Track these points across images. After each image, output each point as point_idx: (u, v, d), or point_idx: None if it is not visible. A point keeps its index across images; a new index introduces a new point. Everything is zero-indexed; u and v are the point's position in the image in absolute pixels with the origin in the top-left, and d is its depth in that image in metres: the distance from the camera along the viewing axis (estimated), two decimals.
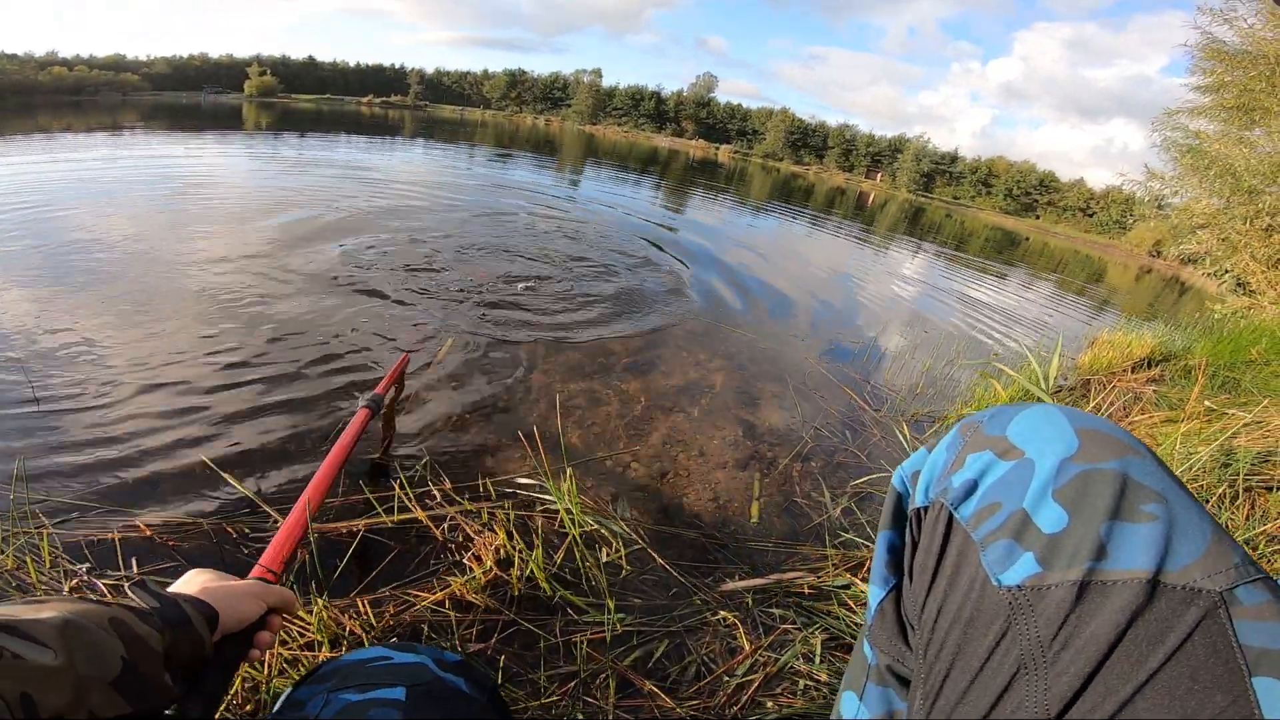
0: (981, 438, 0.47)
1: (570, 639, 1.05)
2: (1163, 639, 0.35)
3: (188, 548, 1.14)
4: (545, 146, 18.35)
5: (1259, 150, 6.78)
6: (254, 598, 0.65)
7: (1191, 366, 2.96)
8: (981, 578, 0.42)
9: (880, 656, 0.55)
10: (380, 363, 1.98)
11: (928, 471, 0.51)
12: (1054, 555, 0.39)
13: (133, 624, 0.47)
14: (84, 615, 0.44)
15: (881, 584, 0.55)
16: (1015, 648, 0.39)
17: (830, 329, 3.38)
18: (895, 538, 0.55)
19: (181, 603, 0.55)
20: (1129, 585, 0.36)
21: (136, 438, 1.44)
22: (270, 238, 3.29)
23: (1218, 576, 0.36)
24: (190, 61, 45.98)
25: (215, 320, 2.14)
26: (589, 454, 1.68)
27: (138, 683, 0.44)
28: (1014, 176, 45.53)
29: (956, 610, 0.44)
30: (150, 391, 1.64)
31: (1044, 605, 0.39)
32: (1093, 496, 0.39)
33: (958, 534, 0.45)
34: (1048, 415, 0.45)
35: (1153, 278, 15.49)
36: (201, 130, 10.80)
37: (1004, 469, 0.44)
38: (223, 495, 1.28)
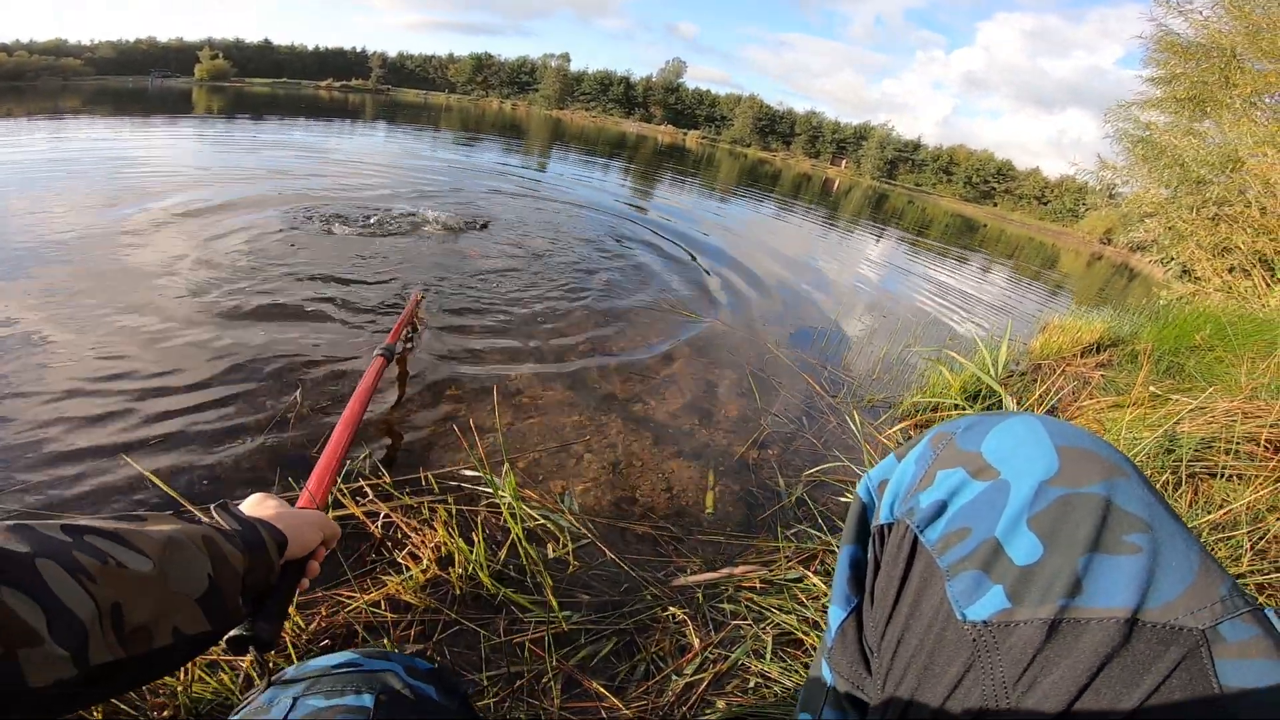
0: (954, 452, 0.44)
1: (514, 639, 1.02)
2: (1138, 682, 0.33)
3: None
4: (512, 130, 18.00)
5: (1208, 141, 7.04)
6: (315, 527, 0.65)
7: (1138, 352, 3.05)
8: (945, 610, 0.39)
9: (840, 681, 0.52)
10: (327, 348, 1.90)
11: (894, 485, 0.47)
12: (1025, 590, 0.36)
13: (221, 544, 0.48)
14: (184, 532, 0.45)
15: (843, 604, 0.52)
16: (977, 688, 0.37)
17: (791, 314, 3.38)
18: (859, 553, 0.51)
19: (259, 527, 0.55)
20: (1104, 625, 0.34)
21: (55, 437, 1.34)
22: (209, 224, 3.13)
23: (1201, 613, 0.33)
24: (137, 46, 43.82)
25: (148, 311, 2.01)
26: (539, 444, 1.63)
27: (219, 602, 0.45)
28: (973, 165, 46.57)
29: (918, 643, 0.41)
30: (77, 389, 1.53)
31: (1010, 643, 0.36)
32: (1072, 525, 0.36)
33: (922, 558, 0.42)
34: (1028, 429, 0.42)
35: (1103, 264, 16.02)
36: (149, 115, 10.25)
37: (976, 490, 0.41)
38: (138, 492, 1.21)
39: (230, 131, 8.17)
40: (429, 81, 62.85)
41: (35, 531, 0.36)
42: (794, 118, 56.88)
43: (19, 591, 0.31)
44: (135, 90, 20.28)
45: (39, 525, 0.37)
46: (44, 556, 0.34)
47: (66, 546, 0.36)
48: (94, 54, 39.91)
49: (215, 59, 42.89)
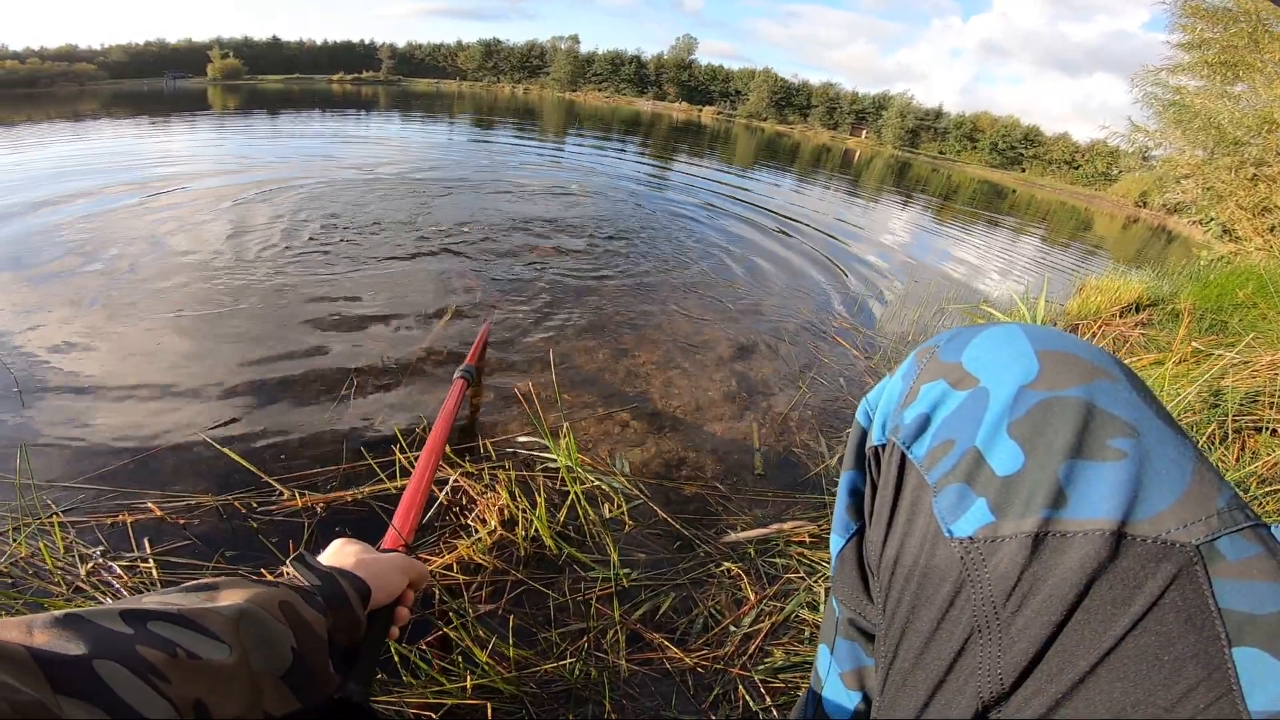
0: (936, 365, 0.42)
1: (578, 596, 1.06)
2: (1129, 601, 0.31)
3: (198, 525, 1.13)
4: (526, 115, 17.94)
5: (1243, 104, 6.78)
6: (399, 571, 0.62)
7: (1179, 310, 2.99)
8: (934, 527, 0.38)
9: (844, 609, 0.51)
10: (379, 333, 1.96)
11: (884, 405, 0.46)
12: (1008, 501, 0.34)
13: (300, 608, 0.45)
14: (257, 601, 0.41)
15: (842, 531, 0.51)
16: (968, 608, 0.35)
17: (822, 281, 3.37)
18: (857, 479, 0.49)
19: (339, 579, 0.52)
20: (1089, 538, 0.32)
21: (131, 421, 1.42)
22: (261, 215, 3.21)
23: (1195, 526, 0.31)
24: (148, 48, 44.32)
25: (203, 298, 2.09)
26: (587, 411, 1.68)
27: (306, 675, 0.42)
28: (999, 131, 45.13)
29: (911, 563, 0.39)
30: (140, 375, 1.61)
31: (997, 560, 0.34)
32: (1051, 431, 0.34)
33: (911, 476, 0.41)
34: (1007, 335, 0.40)
35: (1139, 227, 15.51)
36: (169, 115, 10.44)
37: (958, 400, 0.39)
38: (224, 472, 1.27)
39: (280, 124, 8.30)
40: (440, 70, 62.65)
41: (89, 624, 0.31)
42: (810, 90, 55.59)
43: (79, 701, 0.27)
44: (152, 92, 20.53)
45: (93, 615, 0.32)
46: (102, 657, 0.30)
47: (127, 640, 0.31)
48: (106, 58, 40.42)
49: (226, 58, 43.21)
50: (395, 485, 1.25)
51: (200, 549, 1.07)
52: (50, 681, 0.27)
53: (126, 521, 1.11)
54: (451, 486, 1.27)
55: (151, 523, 1.12)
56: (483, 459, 1.37)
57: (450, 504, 1.24)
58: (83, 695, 0.27)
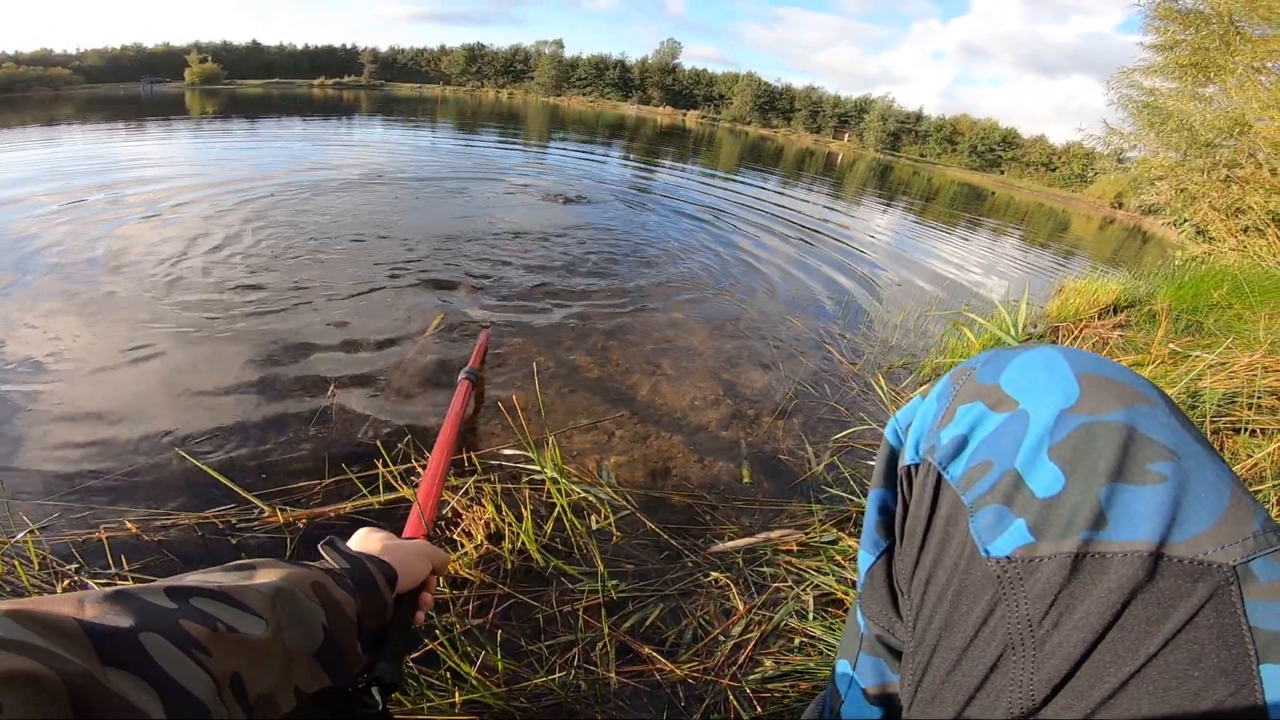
0: (973, 386, 0.43)
1: (566, 608, 1.05)
2: (1163, 620, 0.31)
3: (176, 542, 1.11)
4: (510, 120, 17.90)
5: (1214, 106, 6.95)
6: (424, 557, 0.64)
7: (1156, 311, 3.04)
8: (969, 547, 0.39)
9: (871, 626, 0.52)
10: (359, 345, 1.94)
11: (918, 424, 0.46)
12: (1047, 523, 0.35)
13: (331, 588, 0.46)
14: (291, 580, 0.43)
15: (872, 548, 0.51)
16: (1003, 626, 0.36)
17: (805, 286, 3.40)
18: (888, 497, 0.50)
19: (367, 563, 0.54)
20: (1129, 559, 0.32)
21: (107, 437, 1.39)
22: (238, 224, 3.17)
23: (1232, 548, 0.31)
24: (124, 53, 43.64)
25: (180, 311, 2.06)
26: (570, 421, 1.67)
27: (336, 653, 0.43)
28: (978, 134, 45.77)
29: (945, 582, 0.40)
30: (114, 388, 1.58)
31: (1034, 579, 0.35)
32: (1093, 454, 0.35)
33: (947, 496, 0.41)
34: (1046, 359, 0.40)
35: (1115, 228, 15.79)
36: (143, 119, 10.28)
37: (996, 422, 0.39)
38: (203, 489, 1.25)
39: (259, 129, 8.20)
40: (423, 75, 62.32)
41: (136, 599, 0.33)
42: (793, 94, 56.02)
43: (126, 672, 0.28)
44: (128, 97, 20.20)
45: (140, 591, 0.34)
46: (149, 630, 0.31)
47: (171, 615, 0.33)
48: (82, 62, 39.74)
49: (205, 62, 42.69)
50: (379, 500, 1.24)
51: (179, 566, 1.06)
52: (99, 653, 0.28)
53: (103, 539, 1.08)
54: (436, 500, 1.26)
55: (129, 540, 1.10)
56: (467, 472, 1.36)
57: (435, 518, 1.22)
58: (129, 666, 0.29)
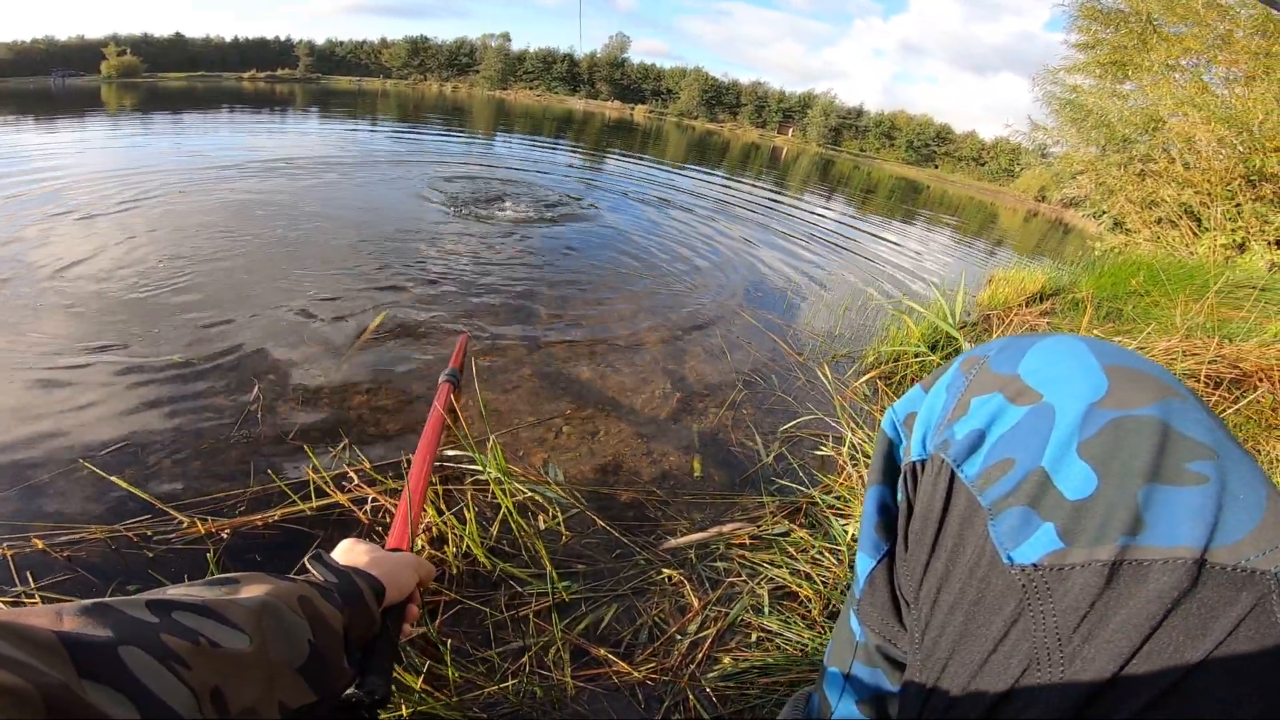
0: (988, 376, 0.39)
1: (516, 613, 1.02)
2: (1205, 633, 0.29)
3: (86, 557, 1.03)
4: (455, 113, 17.47)
5: (1131, 103, 7.40)
6: (411, 569, 0.63)
7: (1079, 299, 3.21)
8: (989, 553, 0.35)
9: (870, 635, 0.48)
10: (287, 344, 1.83)
11: (925, 416, 0.42)
12: (1080, 527, 0.32)
13: (318, 603, 0.45)
14: (277, 595, 0.42)
15: (872, 551, 0.47)
16: (1026, 640, 0.33)
17: (752, 278, 3.43)
18: (887, 494, 0.47)
19: (355, 577, 0.53)
20: (1171, 566, 0.30)
21: (5, 447, 1.27)
22: (149, 217, 2.96)
23: (1274, 553, 0.29)
24: (34, 45, 40.48)
25: (82, 308, 1.90)
26: (515, 419, 1.63)
27: (322, 668, 0.42)
28: (914, 129, 47.46)
29: (959, 591, 0.37)
30: (12, 397, 1.45)
31: (1065, 590, 0.32)
32: (1127, 452, 0.32)
33: (961, 497, 0.38)
34: (1068, 347, 0.37)
35: (1039, 220, 16.65)
36: (55, 115, 9.56)
37: (1017, 416, 0.36)
38: (117, 500, 1.15)
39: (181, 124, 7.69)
40: (362, 68, 60.10)
41: (115, 612, 0.32)
42: (739, 89, 56.76)
43: (103, 685, 0.28)
44: (38, 91, 18.74)
45: (120, 604, 0.34)
46: (128, 644, 0.30)
47: (152, 629, 0.32)
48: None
49: (123, 55, 40.06)
50: (309, 506, 1.17)
51: (90, 582, 0.99)
52: (76, 665, 0.28)
53: (6, 555, 1.00)
54: (371, 506, 1.20)
55: (34, 556, 1.02)
56: (406, 475, 1.30)
57: (371, 524, 1.17)
58: (107, 680, 0.28)
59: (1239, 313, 2.56)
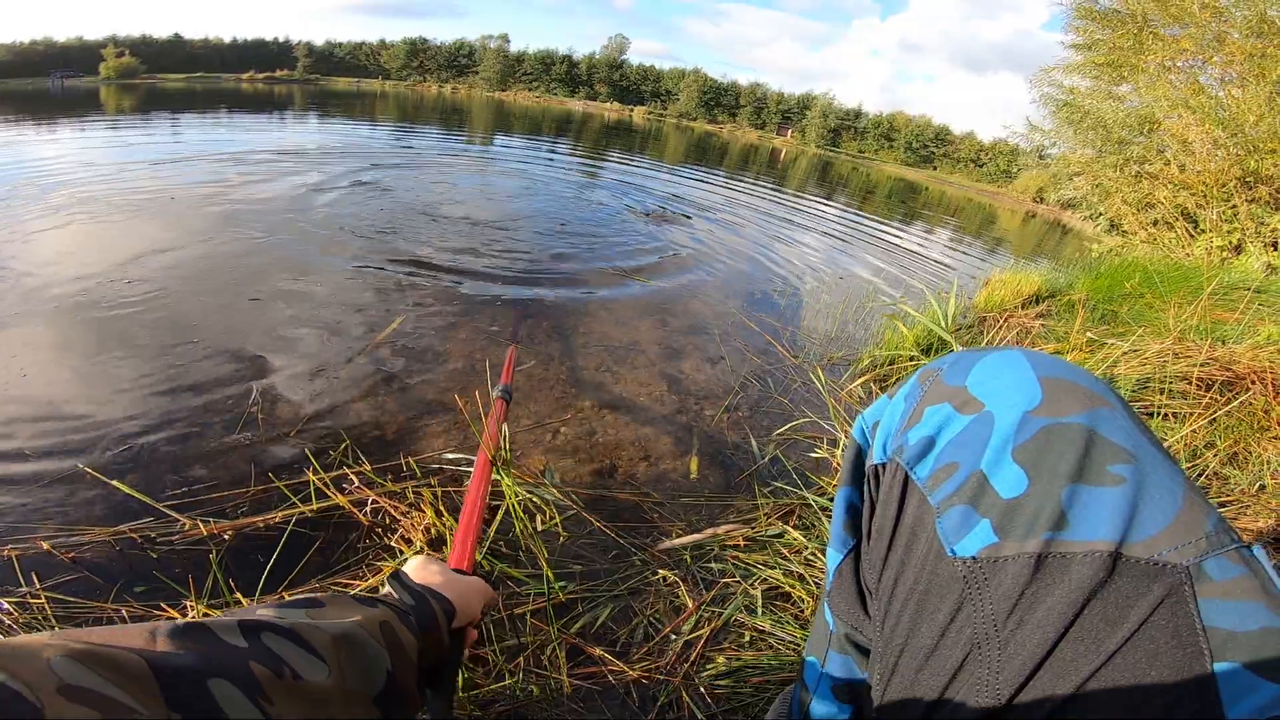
0: (940, 388, 0.43)
1: (513, 612, 1.03)
2: (1122, 619, 0.32)
3: (91, 558, 1.05)
4: (454, 115, 17.48)
5: (1127, 105, 7.40)
6: (480, 595, 0.62)
7: (1074, 301, 3.22)
8: (936, 547, 0.39)
9: (839, 624, 0.52)
10: (285, 350, 1.85)
11: (885, 424, 0.47)
12: (1011, 523, 0.36)
13: (398, 629, 0.45)
14: (362, 623, 0.42)
15: (840, 546, 0.51)
16: (969, 625, 0.36)
17: (750, 281, 3.45)
18: (854, 495, 0.51)
19: (431, 600, 0.52)
20: (1089, 559, 0.33)
21: (11, 452, 1.29)
22: (155, 223, 2.97)
23: (1186, 548, 0.32)
24: (33, 47, 40.46)
25: (85, 316, 1.92)
26: (515, 421, 1.64)
27: (396, 696, 0.42)
28: (913, 130, 47.51)
29: (913, 581, 0.41)
30: (16, 403, 1.46)
31: (999, 579, 0.35)
32: (1055, 456, 0.36)
33: (914, 496, 0.42)
34: (1009, 361, 0.41)
35: (1037, 221, 16.67)
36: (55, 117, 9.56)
37: (962, 424, 0.40)
38: (120, 502, 1.17)
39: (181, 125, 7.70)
40: (361, 69, 60.11)
41: (209, 634, 0.32)
42: (738, 90, 56.82)
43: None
44: (37, 92, 18.71)
45: (213, 624, 0.33)
46: (217, 675, 0.30)
47: (241, 656, 0.32)
48: None
49: (122, 56, 40.05)
50: (310, 508, 1.19)
51: (95, 583, 1.00)
52: (164, 697, 0.27)
53: (12, 556, 1.02)
54: (371, 508, 1.22)
55: (40, 557, 1.03)
56: (405, 477, 1.32)
57: (372, 525, 1.18)
58: (194, 713, 0.28)
59: (1233, 315, 2.57)
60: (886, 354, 2.28)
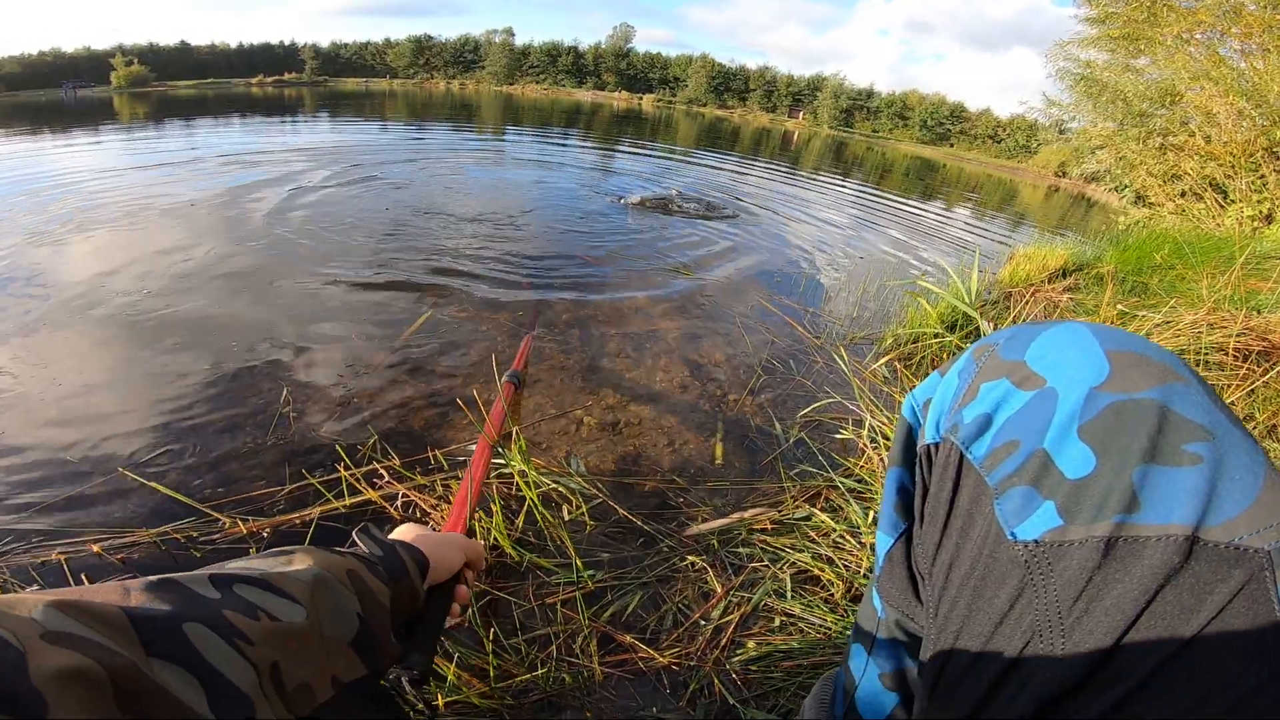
0: (997, 363, 0.41)
1: (544, 602, 1.04)
2: (1198, 606, 0.30)
3: (138, 559, 1.07)
4: (463, 111, 17.50)
5: (1146, 77, 7.20)
6: (456, 548, 0.63)
7: (1102, 274, 3.14)
8: (995, 530, 0.37)
9: (889, 610, 0.50)
10: (303, 345, 1.87)
11: (938, 402, 0.44)
12: (1078, 505, 0.34)
13: (365, 576, 0.46)
14: (328, 567, 0.42)
15: (890, 530, 0.50)
16: (1029, 612, 0.35)
17: (769, 263, 3.42)
18: (905, 476, 0.49)
19: (399, 549, 0.53)
20: (1164, 543, 0.31)
21: (56, 458, 1.32)
22: (177, 230, 3.02)
23: (1268, 532, 0.30)
24: (42, 58, 41.19)
25: (121, 323, 1.96)
26: (537, 412, 1.65)
27: (371, 641, 0.43)
28: (927, 108, 46.64)
29: (969, 566, 0.39)
30: (59, 409, 1.50)
31: (1064, 565, 0.33)
32: (1125, 434, 0.33)
33: (970, 477, 0.40)
34: (1073, 335, 0.39)
35: (1061, 195, 16.27)
36: (70, 127, 9.74)
37: (1023, 400, 0.38)
38: (162, 503, 1.19)
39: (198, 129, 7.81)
40: (368, 69, 60.41)
41: (181, 587, 0.33)
42: (747, 74, 56.21)
43: (171, 664, 0.28)
44: (50, 103, 19.02)
45: (185, 579, 0.34)
46: (192, 620, 0.31)
47: (214, 605, 0.33)
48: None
49: (131, 65, 40.65)
50: (344, 504, 1.20)
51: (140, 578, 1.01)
52: (143, 643, 0.28)
53: (61, 560, 1.04)
54: (402, 501, 1.23)
55: (90, 560, 1.06)
56: (433, 470, 1.33)
57: (404, 519, 1.19)
58: (172, 657, 0.28)
59: (1266, 284, 2.49)
60: (910, 332, 2.25)
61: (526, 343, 1.86)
